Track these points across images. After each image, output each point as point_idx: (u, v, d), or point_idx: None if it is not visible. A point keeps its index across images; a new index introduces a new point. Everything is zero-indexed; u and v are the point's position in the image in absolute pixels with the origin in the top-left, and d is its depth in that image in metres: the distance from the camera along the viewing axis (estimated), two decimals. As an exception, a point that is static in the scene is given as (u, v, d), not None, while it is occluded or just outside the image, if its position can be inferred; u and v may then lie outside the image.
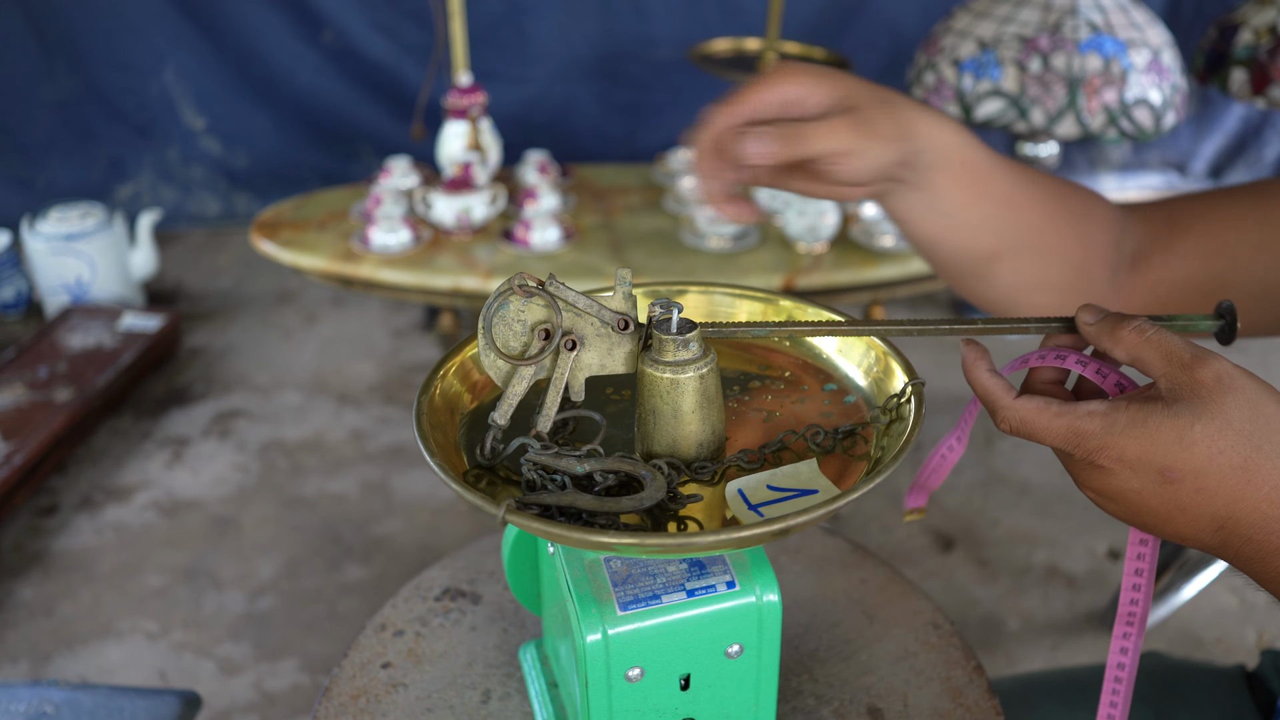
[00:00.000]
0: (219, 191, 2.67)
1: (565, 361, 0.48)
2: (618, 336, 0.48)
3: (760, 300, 0.59)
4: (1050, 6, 1.92)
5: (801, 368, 0.55)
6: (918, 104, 0.56)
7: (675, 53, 2.56)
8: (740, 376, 0.56)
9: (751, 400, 0.54)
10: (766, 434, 0.51)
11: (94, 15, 2.39)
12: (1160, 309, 0.63)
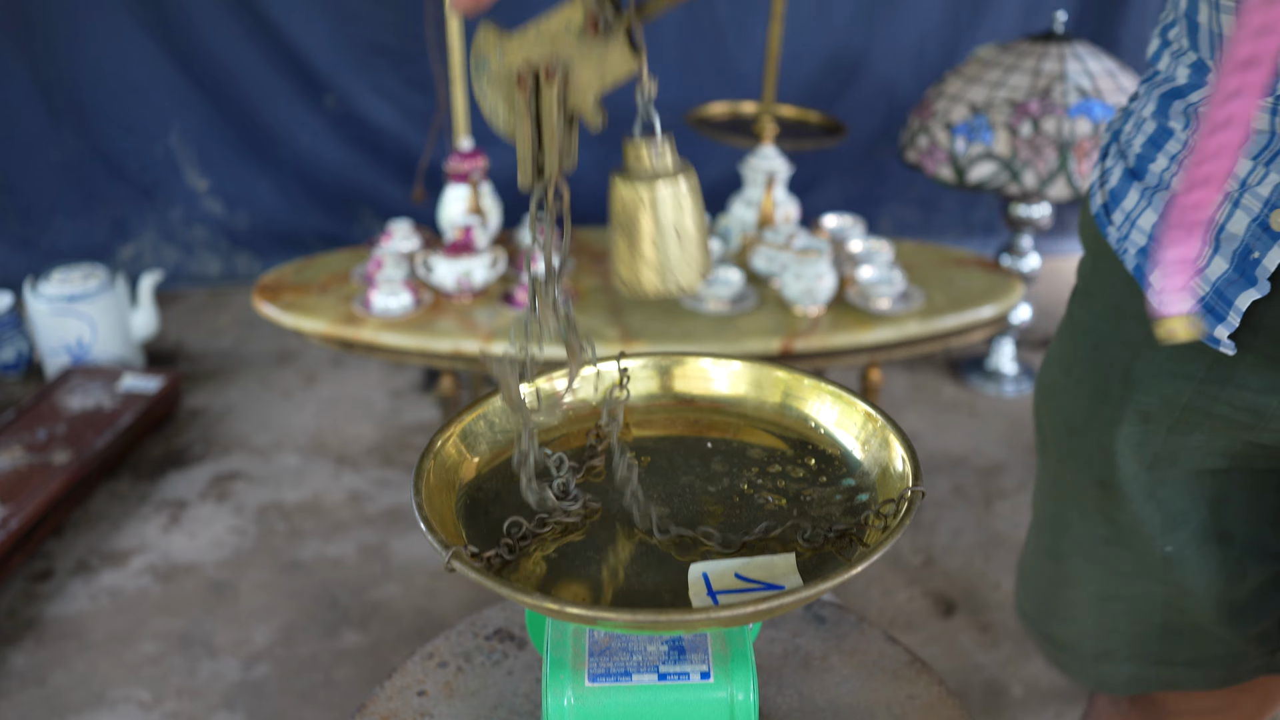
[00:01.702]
0: (220, 252, 2.70)
1: (549, 96, 0.44)
2: (602, 42, 0.43)
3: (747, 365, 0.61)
4: (1039, 72, 1.96)
5: (825, 458, 0.56)
6: None
7: (673, 116, 2.60)
8: (764, 457, 0.56)
9: (765, 483, 0.54)
10: (763, 518, 0.52)
11: (102, 79, 2.43)
12: None
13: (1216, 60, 0.56)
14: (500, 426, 0.58)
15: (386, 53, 2.49)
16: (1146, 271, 0.61)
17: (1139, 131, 0.65)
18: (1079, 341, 0.70)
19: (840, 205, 2.72)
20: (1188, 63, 0.60)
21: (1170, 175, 0.61)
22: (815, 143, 2.08)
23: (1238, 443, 0.61)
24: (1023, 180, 1.94)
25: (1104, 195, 0.67)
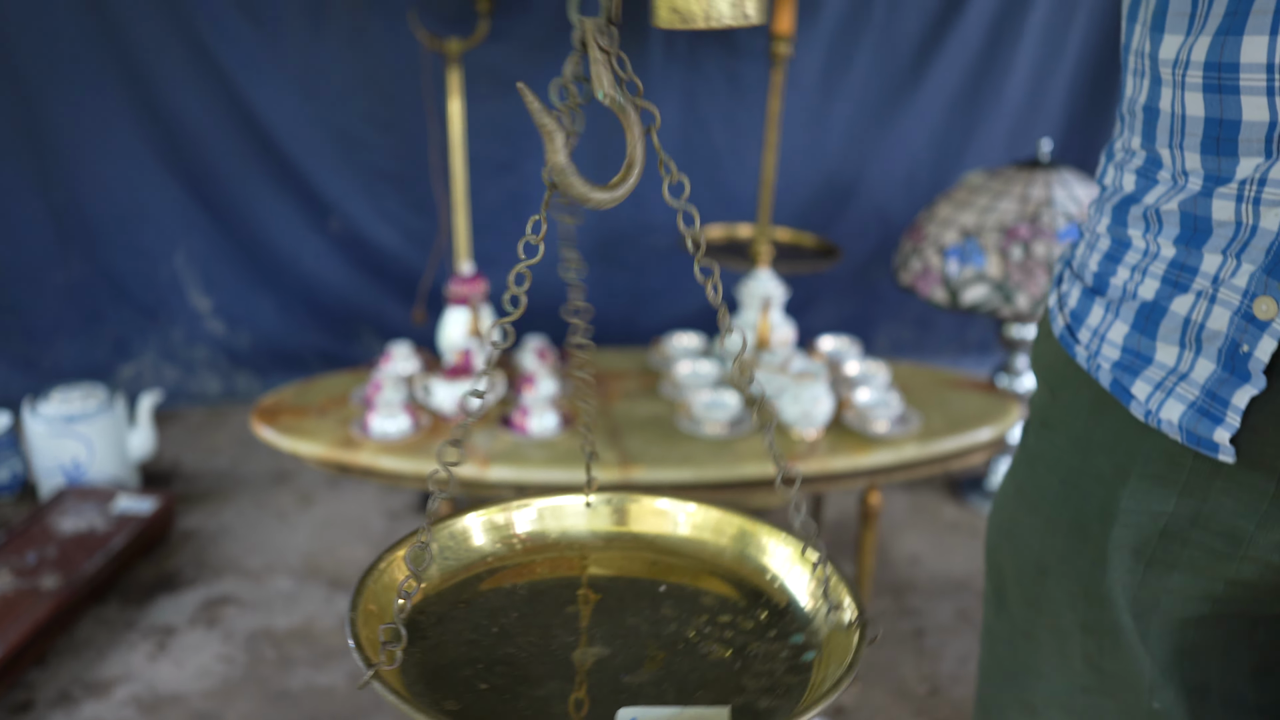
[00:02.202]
0: (220, 371, 2.71)
1: None
2: None
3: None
4: (1027, 198, 2.01)
5: (776, 611, 0.56)
6: None
7: (671, 239, 2.66)
8: (715, 605, 0.56)
9: (712, 632, 0.54)
10: (704, 669, 0.51)
11: (111, 203, 2.49)
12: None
13: (1178, 148, 0.57)
14: (450, 551, 0.59)
15: (390, 177, 2.56)
16: (1126, 385, 0.60)
17: (1093, 250, 0.65)
18: (1043, 476, 0.68)
19: (836, 326, 2.75)
20: (1134, 167, 0.61)
21: (1135, 285, 0.60)
22: (810, 265, 2.11)
23: (1219, 583, 0.59)
24: (1015, 302, 1.96)
25: (1065, 318, 0.67)
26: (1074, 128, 2.72)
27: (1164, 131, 0.57)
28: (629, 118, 0.47)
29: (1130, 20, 0.61)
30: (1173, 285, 0.57)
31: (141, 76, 2.37)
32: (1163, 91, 0.57)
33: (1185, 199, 0.57)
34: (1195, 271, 0.56)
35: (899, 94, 2.63)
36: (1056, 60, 2.64)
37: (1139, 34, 0.59)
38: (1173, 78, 0.55)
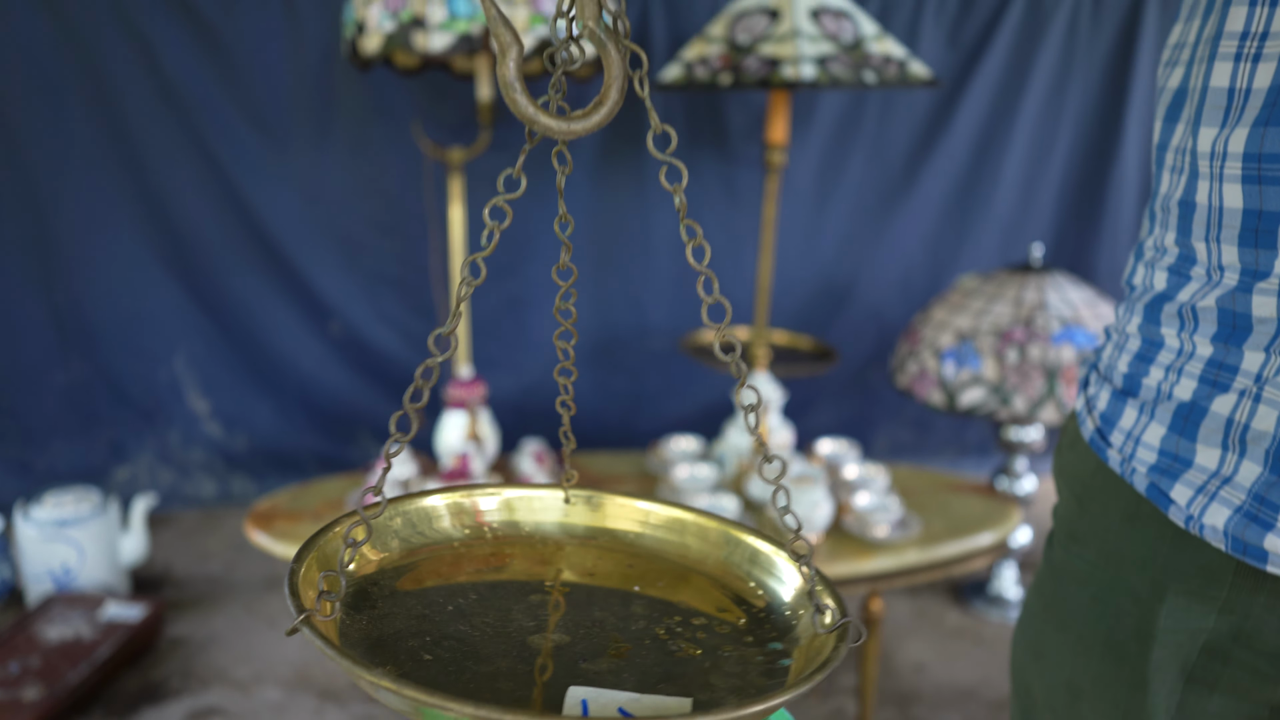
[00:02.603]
0: (216, 473, 2.69)
1: None
2: None
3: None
4: (1021, 301, 2.03)
5: (758, 621, 0.53)
6: None
7: (668, 342, 2.68)
8: (689, 609, 0.54)
9: (684, 632, 0.51)
10: (671, 665, 0.48)
11: (114, 305, 2.51)
12: None
13: (1214, 241, 0.56)
14: (415, 530, 0.56)
15: (391, 281, 2.59)
16: (1164, 489, 0.57)
17: (1122, 351, 0.64)
18: (1072, 593, 0.65)
19: (834, 428, 2.75)
20: (1165, 265, 0.60)
21: (1171, 386, 0.58)
22: (808, 369, 2.12)
23: (1263, 708, 0.55)
24: (1013, 405, 1.97)
25: (1095, 421, 0.65)
26: (1064, 232, 2.77)
27: (1200, 225, 0.57)
28: (609, 56, 0.45)
29: (1168, 120, 0.61)
30: (1211, 385, 0.56)
31: (148, 182, 2.42)
32: (1199, 185, 0.56)
33: (1222, 295, 0.55)
34: (1236, 370, 0.54)
35: (892, 199, 2.69)
36: (1044, 167, 2.71)
37: (1180, 131, 0.59)
38: (1210, 170, 0.55)
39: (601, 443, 2.69)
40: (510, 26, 0.44)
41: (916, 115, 2.62)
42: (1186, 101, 0.59)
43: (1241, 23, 0.54)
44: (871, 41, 1.88)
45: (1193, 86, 0.58)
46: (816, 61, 1.80)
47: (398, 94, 2.42)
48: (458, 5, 1.71)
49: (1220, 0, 0.57)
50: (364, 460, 2.70)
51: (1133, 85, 2.62)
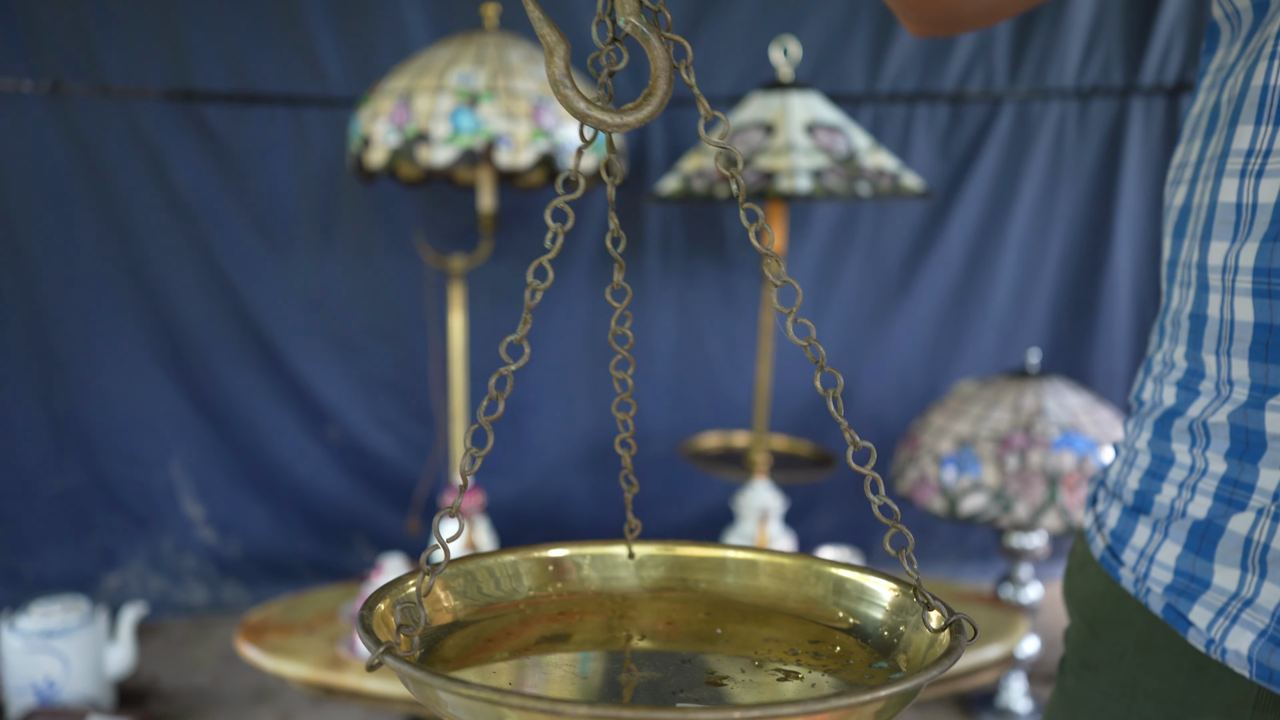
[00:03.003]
0: (208, 580, 2.65)
1: None
2: None
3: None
4: (1019, 408, 2.03)
5: (857, 644, 0.50)
6: None
7: (667, 446, 2.67)
8: (781, 640, 0.51)
9: (781, 660, 0.48)
10: (771, 690, 0.45)
11: (111, 411, 2.51)
12: None
13: (1225, 354, 0.55)
14: (472, 590, 0.53)
15: (390, 386, 2.59)
16: (1182, 610, 0.55)
17: (1132, 467, 0.63)
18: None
19: (835, 532, 2.72)
20: (1174, 380, 0.60)
21: (1185, 503, 0.57)
22: (807, 475, 2.11)
23: None
24: (1015, 512, 1.95)
25: (1105, 538, 0.64)
26: (1059, 335, 2.79)
27: (1211, 338, 0.56)
28: (654, 48, 0.44)
29: (1176, 236, 0.61)
30: (1227, 502, 0.54)
31: (150, 287, 2.45)
32: (1210, 298, 0.56)
33: (1234, 410, 0.55)
34: (1252, 488, 0.53)
35: (888, 304, 2.71)
36: (1037, 272, 2.74)
37: (1188, 246, 0.59)
38: (1222, 284, 0.55)
39: (600, 548, 2.66)
40: (555, 27, 0.44)
41: (911, 222, 2.67)
42: (1193, 217, 0.60)
43: (1247, 141, 0.55)
44: (865, 154, 1.92)
45: (1199, 203, 0.59)
46: (812, 174, 1.84)
47: (400, 203, 2.46)
48: (460, 120, 1.76)
49: (1225, 121, 0.58)
50: (359, 566, 2.66)
51: (1120, 193, 2.68)
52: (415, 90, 1.79)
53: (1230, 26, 0.62)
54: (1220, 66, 0.62)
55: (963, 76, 2.60)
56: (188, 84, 2.35)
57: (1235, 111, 0.57)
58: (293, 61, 2.37)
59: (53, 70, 2.30)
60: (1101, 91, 2.63)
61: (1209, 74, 0.63)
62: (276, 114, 2.39)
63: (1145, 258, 2.76)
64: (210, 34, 2.33)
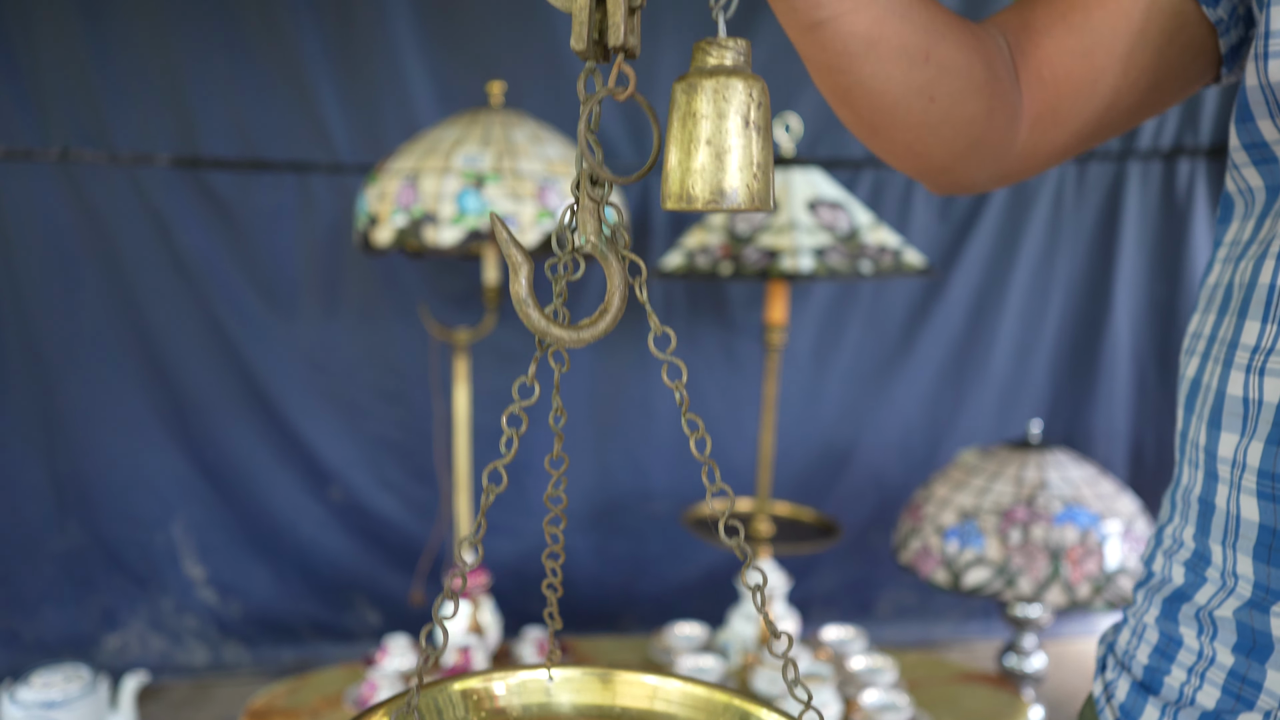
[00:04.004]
0: (209, 641, 2.64)
1: None
2: None
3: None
4: (1022, 480, 2.04)
5: None
6: None
7: (670, 505, 2.67)
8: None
9: None
10: None
11: (113, 472, 2.51)
12: (1053, 92, 0.65)
13: (1231, 548, 0.55)
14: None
15: (393, 446, 2.60)
16: None
17: (1141, 640, 0.62)
18: None
19: (837, 592, 2.72)
20: (1183, 559, 0.59)
21: (1194, 691, 0.56)
22: (811, 546, 2.12)
23: None
24: (1018, 586, 1.95)
25: (1114, 712, 0.63)
26: (1059, 396, 2.81)
27: (1218, 529, 0.56)
28: (610, 266, 0.46)
29: (1188, 410, 0.61)
30: (1235, 698, 0.54)
31: (155, 350, 2.46)
32: (1219, 488, 0.56)
33: (1240, 608, 0.54)
34: (1260, 688, 0.53)
35: (889, 366, 2.73)
36: (1037, 334, 2.76)
37: (1195, 425, 0.60)
38: (1230, 477, 0.55)
39: (601, 604, 2.66)
40: (520, 247, 0.46)
41: (912, 286, 2.69)
42: (1201, 395, 0.60)
43: (1254, 336, 0.55)
44: (866, 231, 1.94)
45: (1208, 383, 0.59)
46: (814, 252, 1.86)
47: (405, 268, 2.48)
48: (467, 202, 1.78)
49: (1235, 308, 0.58)
50: (360, 627, 2.66)
51: (1118, 255, 2.70)
52: (422, 171, 1.81)
53: (1244, 202, 0.63)
54: (1235, 241, 0.62)
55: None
56: (195, 151, 2.37)
57: (1244, 302, 0.58)
58: (299, 128, 2.40)
59: (61, 137, 2.32)
60: (1099, 155, 2.66)
61: (1224, 245, 0.64)
62: (283, 180, 2.41)
63: (1144, 319, 2.78)
64: (217, 101, 2.36)
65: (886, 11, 0.57)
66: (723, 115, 0.41)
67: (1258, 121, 0.59)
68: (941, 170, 0.68)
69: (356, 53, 2.37)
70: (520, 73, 2.31)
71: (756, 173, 0.42)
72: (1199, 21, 0.63)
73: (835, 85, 0.61)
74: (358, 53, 2.37)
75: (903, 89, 0.60)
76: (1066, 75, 0.65)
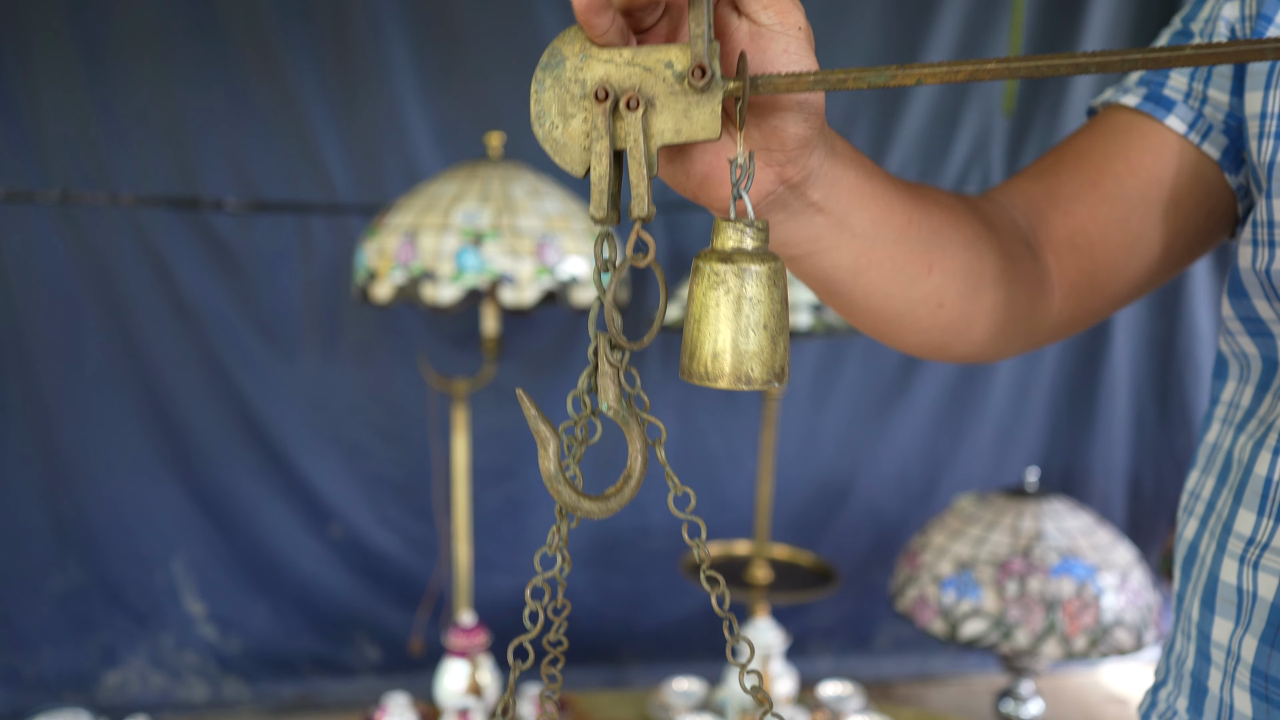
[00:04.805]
0: (209, 677, 2.65)
1: (635, 125, 0.41)
2: (695, 95, 0.41)
3: None
4: (1018, 531, 2.05)
5: None
6: None
7: (668, 543, 2.68)
8: None
9: None
10: None
11: (114, 510, 2.52)
12: (1089, 260, 0.64)
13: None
14: None
15: (393, 485, 2.61)
16: None
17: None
18: None
19: (835, 627, 2.73)
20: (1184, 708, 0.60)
21: None
22: (808, 595, 2.12)
23: None
24: (1015, 639, 1.96)
25: None
26: (1057, 431, 2.81)
27: (1211, 712, 0.57)
28: (632, 431, 0.47)
29: (1184, 574, 0.62)
30: None
31: (155, 391, 2.46)
32: (1212, 671, 0.56)
33: None
34: None
35: (888, 402, 2.73)
36: (1035, 368, 2.77)
37: (1190, 596, 0.60)
38: (1224, 666, 0.55)
39: (600, 642, 2.67)
40: (548, 422, 0.46)
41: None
42: (1197, 566, 0.60)
43: (1249, 528, 0.56)
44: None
45: (1204, 555, 0.60)
46: (811, 308, 1.86)
47: (404, 311, 2.48)
48: (466, 260, 1.78)
49: (1232, 489, 0.59)
50: (360, 663, 2.67)
51: (1118, 293, 2.70)
52: (421, 228, 1.81)
53: (1239, 365, 0.63)
54: (1232, 403, 0.63)
55: (960, 177, 2.63)
56: (194, 192, 2.38)
57: (1240, 485, 0.58)
58: (298, 170, 2.40)
59: (62, 179, 2.33)
60: (1098, 194, 2.66)
61: (1221, 404, 0.65)
62: (282, 221, 2.42)
63: (1142, 356, 2.78)
64: (217, 143, 2.36)
65: (875, 242, 0.54)
66: (775, 300, 0.42)
67: (1253, 300, 0.60)
68: (968, 358, 0.66)
69: (356, 93, 2.38)
70: (519, 115, 2.31)
71: (767, 347, 0.43)
72: (1223, 187, 0.63)
73: (828, 302, 0.60)
74: (357, 94, 2.38)
75: (905, 302, 0.58)
76: (1103, 242, 0.64)
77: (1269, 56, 0.38)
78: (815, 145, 0.47)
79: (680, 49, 0.41)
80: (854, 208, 0.52)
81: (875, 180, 0.53)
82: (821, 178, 0.49)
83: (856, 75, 0.41)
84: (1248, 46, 0.38)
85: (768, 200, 0.48)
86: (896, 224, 0.55)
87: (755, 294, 0.42)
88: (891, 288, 0.57)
